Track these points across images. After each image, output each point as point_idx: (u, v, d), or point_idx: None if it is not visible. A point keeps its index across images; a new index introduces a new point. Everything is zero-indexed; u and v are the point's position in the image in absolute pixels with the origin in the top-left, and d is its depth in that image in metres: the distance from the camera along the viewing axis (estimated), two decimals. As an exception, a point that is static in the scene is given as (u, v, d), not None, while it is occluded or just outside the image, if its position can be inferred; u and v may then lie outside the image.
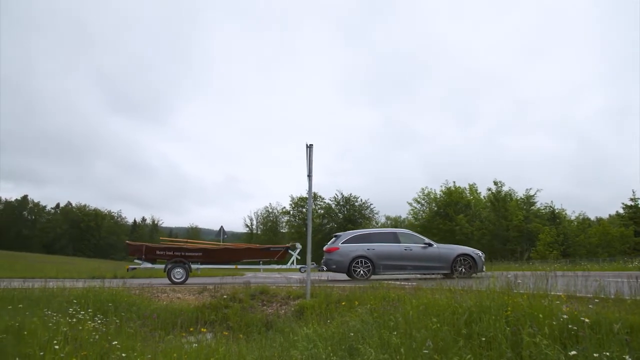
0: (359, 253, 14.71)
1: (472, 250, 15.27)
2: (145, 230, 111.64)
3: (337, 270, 15.08)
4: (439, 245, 15.33)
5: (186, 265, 14.55)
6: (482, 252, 15.43)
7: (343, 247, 14.92)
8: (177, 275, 14.32)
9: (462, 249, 15.41)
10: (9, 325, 6.07)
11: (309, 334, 6.77)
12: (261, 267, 16.53)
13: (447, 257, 14.81)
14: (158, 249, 15.24)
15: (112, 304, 8.82)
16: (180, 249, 15.31)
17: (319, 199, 71.34)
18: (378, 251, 14.76)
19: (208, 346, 6.12)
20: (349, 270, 14.62)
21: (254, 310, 10.29)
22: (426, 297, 6.81)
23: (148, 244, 15.57)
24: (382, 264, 14.63)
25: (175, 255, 14.85)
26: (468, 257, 14.87)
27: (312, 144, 10.59)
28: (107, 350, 5.43)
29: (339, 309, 8.42)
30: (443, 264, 14.73)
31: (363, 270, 14.53)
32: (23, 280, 13.86)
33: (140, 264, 14.77)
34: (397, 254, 14.79)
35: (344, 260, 14.67)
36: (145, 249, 15.02)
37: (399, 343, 5.15)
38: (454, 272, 14.55)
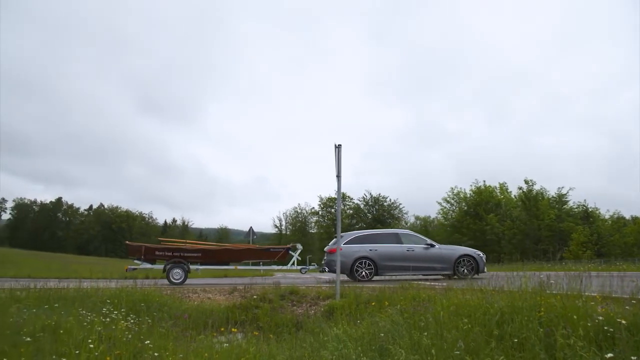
0: (361, 254, 14.65)
1: (473, 251, 15.26)
2: (176, 231, 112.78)
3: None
4: (441, 246, 15.32)
5: (185, 265, 14.63)
6: (483, 253, 15.41)
7: (345, 248, 14.81)
8: (176, 276, 14.40)
9: (464, 250, 15.45)
10: (45, 324, 6.20)
11: (339, 334, 6.76)
12: (261, 268, 16.54)
13: (449, 258, 14.78)
14: (157, 250, 15.36)
15: (144, 304, 8.94)
16: (179, 249, 15.41)
17: (347, 199, 71.24)
18: (381, 252, 14.70)
19: (239, 346, 6.16)
20: (351, 272, 14.55)
21: (284, 310, 10.32)
22: (457, 297, 6.74)
23: (147, 245, 15.70)
24: (385, 264, 14.61)
25: (174, 256, 14.94)
26: (470, 258, 14.85)
27: (340, 144, 10.57)
28: (140, 350, 5.50)
29: (368, 309, 8.39)
30: (445, 265, 14.70)
31: (366, 271, 14.48)
32: (58, 280, 14.14)
33: (139, 264, 14.92)
34: (400, 254, 14.75)
35: (346, 261, 14.55)
36: (144, 250, 15.13)
37: (430, 344, 5.11)
38: (456, 272, 14.59)
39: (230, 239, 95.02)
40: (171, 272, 14.39)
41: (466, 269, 14.61)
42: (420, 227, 68.78)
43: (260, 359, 5.91)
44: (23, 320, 6.35)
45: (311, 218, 79.28)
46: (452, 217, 59.95)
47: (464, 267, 14.64)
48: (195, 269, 15.15)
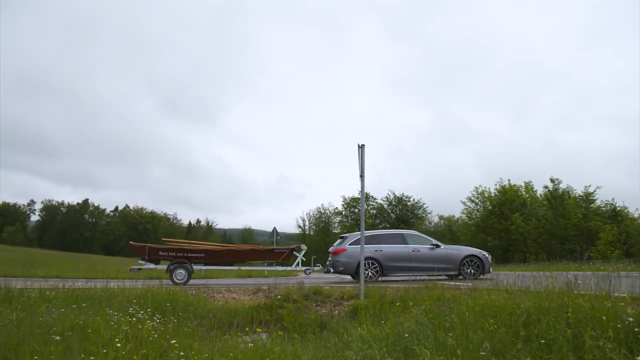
0: (366, 255, 14.47)
1: (479, 252, 15.18)
2: (200, 232, 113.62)
3: (344, 272, 15.04)
4: (447, 247, 15.24)
5: (188, 266, 14.71)
6: (489, 254, 15.34)
7: (350, 249, 14.80)
8: (179, 276, 14.48)
9: (470, 250, 15.37)
10: (74, 324, 6.30)
11: (363, 334, 6.76)
12: (265, 269, 16.53)
13: (455, 258, 14.71)
14: (161, 250, 15.47)
15: (169, 304, 9.03)
16: (182, 249, 15.50)
17: (371, 199, 71.03)
18: (386, 252, 14.63)
19: (263, 346, 6.19)
20: (356, 272, 14.43)
21: (308, 310, 10.34)
22: (482, 297, 6.68)
23: (151, 245, 15.79)
24: (390, 265, 14.54)
25: (178, 256, 15.03)
26: (475, 258, 14.77)
27: (363, 144, 10.55)
28: (166, 349, 5.55)
29: (393, 310, 8.36)
30: (451, 265, 14.62)
31: (371, 272, 14.41)
32: (86, 280, 14.40)
33: (143, 264, 15.05)
34: (405, 255, 14.68)
35: (351, 261, 14.57)
36: (148, 250, 15.25)
37: (455, 344, 5.07)
38: (461, 273, 14.52)
39: (254, 239, 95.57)
40: (174, 272, 14.51)
41: (472, 269, 14.57)
42: (444, 227, 68.28)
43: (284, 359, 5.93)
44: (52, 319, 6.46)
45: (334, 218, 79.16)
46: (476, 217, 59.39)
47: (469, 267, 14.59)
48: (199, 270, 15.28)
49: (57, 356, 4.81)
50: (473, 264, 14.60)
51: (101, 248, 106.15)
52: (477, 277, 14.36)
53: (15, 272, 19.91)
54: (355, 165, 10.73)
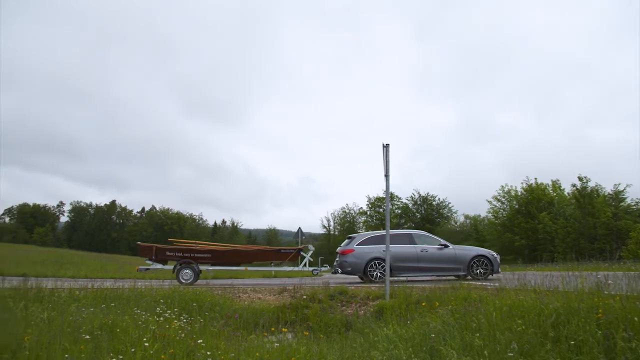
0: (374, 255, 14.51)
1: (488, 252, 15.05)
2: (226, 232, 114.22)
3: (352, 273, 14.94)
4: (455, 247, 15.10)
5: (194, 266, 14.80)
6: (497, 254, 15.19)
7: (358, 249, 14.76)
8: (185, 277, 14.57)
9: (479, 250, 15.24)
10: (103, 323, 6.40)
11: (389, 334, 6.74)
12: (272, 270, 16.51)
13: (464, 259, 14.61)
14: (168, 250, 15.57)
15: (196, 304, 9.11)
16: (189, 250, 15.57)
17: (395, 198, 70.76)
18: (394, 253, 14.42)
19: (289, 346, 6.21)
20: (364, 273, 14.45)
21: (334, 310, 10.34)
22: (509, 298, 6.61)
23: (158, 245, 15.87)
24: (398, 265, 14.43)
25: (185, 257, 15.13)
26: (484, 259, 14.65)
27: (388, 144, 10.52)
28: (193, 349, 5.60)
29: (418, 310, 8.32)
30: (459, 266, 14.54)
31: (379, 272, 14.33)
32: (114, 280, 14.64)
33: (151, 264, 15.17)
34: (414, 255, 14.60)
35: (359, 262, 14.51)
36: (155, 250, 15.36)
37: (482, 345, 5.02)
38: (470, 273, 14.40)
39: (279, 239, 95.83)
40: (181, 272, 14.63)
41: (481, 269, 14.46)
42: (470, 226, 67.71)
43: (310, 359, 5.94)
44: (82, 318, 6.57)
45: (359, 218, 78.99)
46: (502, 216, 58.70)
47: (478, 267, 14.49)
48: (207, 270, 15.38)
49: (87, 355, 4.88)
50: (482, 265, 14.51)
51: (128, 248, 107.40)
52: (486, 277, 14.28)
53: (46, 272, 20.30)
54: (379, 165, 10.71)
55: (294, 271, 16.31)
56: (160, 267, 15.34)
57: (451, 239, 56.61)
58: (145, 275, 15.45)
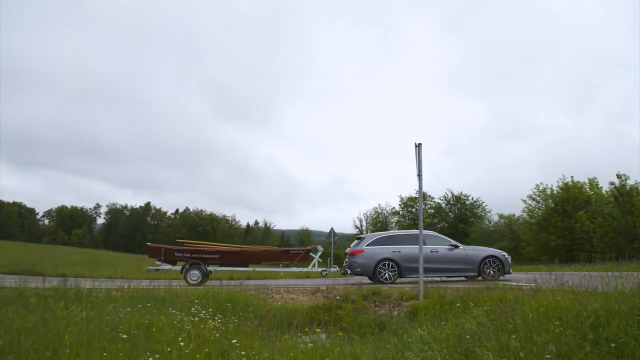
0: (384, 255, 14.34)
1: (498, 252, 14.91)
2: (258, 233, 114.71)
3: (361, 274, 14.81)
4: (466, 247, 14.96)
5: (202, 267, 14.87)
6: (508, 254, 15.04)
7: (368, 250, 14.63)
8: (193, 277, 14.66)
9: (489, 251, 15.07)
10: (139, 323, 6.52)
11: (423, 335, 6.69)
12: (281, 270, 16.46)
13: (474, 259, 14.44)
14: (176, 251, 15.71)
15: (230, 304, 9.20)
16: (197, 250, 15.69)
17: (428, 198, 70.13)
18: (404, 253, 14.36)
19: (323, 346, 6.21)
20: (374, 274, 14.30)
21: (367, 311, 10.31)
22: (546, 298, 6.49)
23: (167, 246, 16.06)
24: (408, 266, 14.25)
25: (193, 257, 15.23)
26: (495, 259, 14.48)
27: (420, 143, 10.46)
28: (228, 348, 5.66)
29: (453, 311, 8.24)
30: (470, 266, 14.37)
31: (389, 273, 14.19)
32: (150, 281, 14.84)
33: (160, 265, 15.29)
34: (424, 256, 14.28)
35: (369, 263, 14.37)
36: (164, 251, 15.50)
37: (519, 347, 4.95)
38: (481, 274, 14.24)
39: (312, 240, 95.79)
40: (188, 273, 14.75)
41: (492, 270, 14.29)
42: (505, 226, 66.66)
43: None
44: (119, 318, 6.70)
45: (392, 218, 78.44)
46: (538, 215, 57.59)
47: (489, 268, 14.31)
48: (215, 270, 15.48)
49: (124, 354, 4.98)
50: (493, 265, 14.36)
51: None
52: (497, 278, 14.10)
53: (84, 273, 20.80)
54: (411, 164, 10.65)
55: (302, 272, 16.29)
56: (169, 268, 15.49)
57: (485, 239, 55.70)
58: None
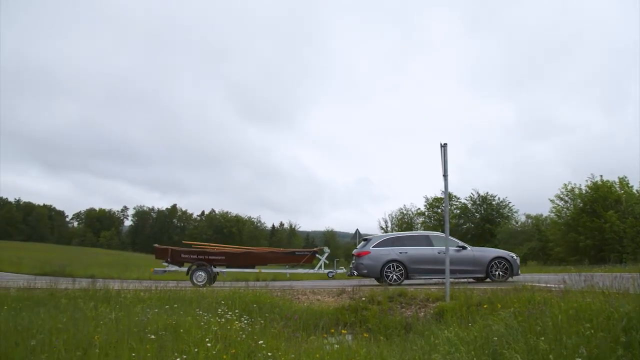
0: (391, 257, 14.19)
1: (507, 253, 14.66)
2: (284, 234, 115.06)
3: (368, 275, 14.66)
4: (473, 248, 14.75)
5: (208, 268, 14.95)
6: (517, 255, 14.77)
7: (374, 251, 14.48)
8: (199, 279, 14.76)
9: (497, 252, 14.87)
10: (167, 324, 6.59)
11: (450, 337, 6.64)
12: (287, 272, 16.38)
13: (482, 261, 14.22)
14: (183, 253, 15.83)
15: (256, 305, 9.25)
16: (203, 252, 15.78)
17: (453, 198, 69.46)
18: (411, 255, 14.22)
19: (349, 347, 6.20)
20: (381, 275, 14.14)
21: (393, 312, 10.27)
22: (576, 300, 6.37)
23: (174, 248, 16.15)
24: (415, 268, 14.16)
25: (199, 259, 15.32)
26: (503, 260, 14.26)
27: (446, 143, 10.38)
28: (254, 349, 5.69)
29: (480, 312, 8.16)
30: (478, 268, 14.15)
31: (396, 274, 14.03)
32: (177, 282, 15.01)
33: (166, 266, 15.40)
34: (431, 257, 14.26)
35: (375, 264, 14.22)
36: (171, 253, 15.61)
37: (548, 349, 4.87)
38: (489, 275, 14.04)
39: (337, 241, 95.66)
40: (194, 274, 14.85)
41: (500, 271, 14.08)
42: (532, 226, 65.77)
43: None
44: (147, 319, 6.79)
45: (417, 219, 77.90)
46: (566, 215, 56.68)
47: (497, 269, 14.10)
48: (221, 272, 15.54)
49: (152, 354, 5.04)
50: (501, 267, 14.15)
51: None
52: (505, 279, 13.93)
53: (112, 274, 21.12)
54: (436, 164, 10.57)
55: (309, 273, 16.27)
56: (176, 269, 15.61)
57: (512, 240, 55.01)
58: (220, 277, 15.76)
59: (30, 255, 41.46)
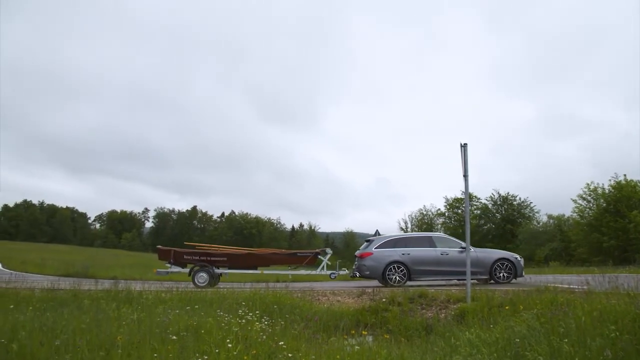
0: (393, 258, 14.04)
1: (510, 255, 14.41)
2: (303, 236, 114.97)
3: (370, 276, 14.54)
4: (477, 250, 14.43)
5: (210, 269, 14.98)
6: (521, 257, 14.53)
7: (377, 252, 14.34)
8: (200, 280, 14.81)
9: (501, 253, 14.59)
10: (188, 324, 6.63)
11: (471, 338, 6.59)
12: (290, 273, 16.31)
13: (486, 262, 13.96)
14: (185, 254, 15.86)
15: (276, 306, 9.27)
16: (205, 253, 15.79)
17: (474, 199, 68.94)
18: (413, 256, 14.06)
19: (369, 349, 6.18)
20: (383, 277, 13.99)
21: (413, 313, 10.23)
22: (600, 302, 6.29)
23: (176, 249, 16.15)
24: (418, 269, 14.00)
25: (202, 260, 15.38)
26: (507, 262, 14.03)
27: (466, 143, 10.31)
28: (274, 350, 5.70)
29: (502, 313, 8.09)
30: (481, 269, 13.89)
31: (398, 276, 13.87)
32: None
33: (169, 267, 15.48)
34: (434, 258, 14.08)
35: (378, 265, 14.08)
36: (173, 254, 15.67)
37: (572, 352, 4.81)
38: (492, 277, 13.83)
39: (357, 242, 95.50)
40: (196, 275, 14.93)
41: (504, 273, 13.87)
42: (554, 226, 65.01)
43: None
44: (168, 320, 6.83)
45: (437, 219, 77.43)
46: (589, 215, 55.88)
47: (501, 271, 13.89)
48: (224, 273, 15.60)
49: (174, 354, 5.07)
50: (505, 268, 13.94)
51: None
52: (509, 281, 13.73)
53: (134, 275, 21.33)
54: (456, 164, 10.51)
55: (311, 275, 16.23)
56: (178, 270, 15.69)
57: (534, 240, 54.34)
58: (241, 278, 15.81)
59: (53, 257, 42.11)
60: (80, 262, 31.46)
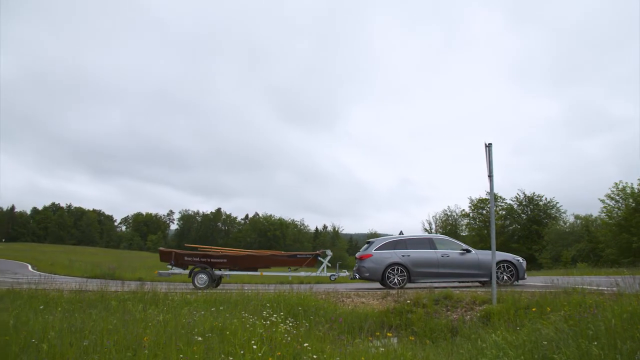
0: (393, 260, 13.89)
1: (512, 257, 14.11)
2: (327, 237, 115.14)
3: (370, 278, 14.35)
4: (478, 251, 14.21)
5: (210, 271, 15.05)
6: (523, 259, 14.19)
7: (377, 254, 14.19)
8: (200, 281, 14.86)
9: (503, 255, 14.23)
10: (213, 326, 6.68)
11: (498, 341, 6.51)
12: (289, 275, 16.20)
13: (487, 264, 13.55)
14: (186, 255, 15.94)
15: (301, 308, 9.27)
16: (205, 255, 15.83)
17: (499, 199, 68.23)
18: (414, 258, 13.89)
19: (394, 351, 6.15)
20: (382, 279, 13.85)
21: (438, 315, 10.15)
22: (630, 304, 6.17)
23: (177, 251, 16.28)
24: (418, 271, 13.83)
25: (202, 262, 15.46)
26: (509, 264, 13.78)
27: (490, 143, 10.22)
28: (299, 352, 5.70)
29: (528, 315, 7.99)
30: (483, 271, 13.69)
31: (398, 278, 13.72)
32: (222, 285, 15.23)
33: (171, 268, 15.59)
34: (434, 260, 13.90)
35: (377, 267, 13.93)
36: (174, 256, 15.80)
37: (602, 355, 4.73)
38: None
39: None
40: (196, 277, 15.00)
41: (505, 275, 13.65)
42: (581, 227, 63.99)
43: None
44: (194, 321, 6.89)
45: (462, 220, 76.82)
46: (618, 215, 54.85)
47: (503, 273, 13.66)
48: (225, 275, 15.66)
49: (199, 355, 5.11)
50: (507, 270, 13.73)
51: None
52: (511, 283, 13.47)
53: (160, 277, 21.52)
54: (481, 164, 10.46)
55: (311, 277, 16.17)
56: (179, 272, 15.78)
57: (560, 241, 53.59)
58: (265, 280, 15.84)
59: (81, 259, 42.76)
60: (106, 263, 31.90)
